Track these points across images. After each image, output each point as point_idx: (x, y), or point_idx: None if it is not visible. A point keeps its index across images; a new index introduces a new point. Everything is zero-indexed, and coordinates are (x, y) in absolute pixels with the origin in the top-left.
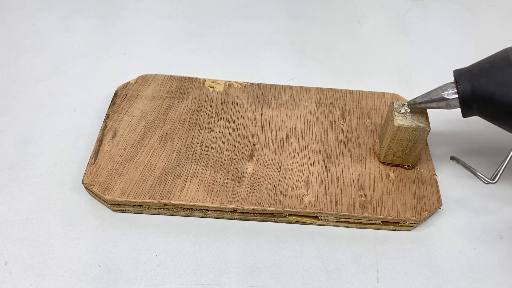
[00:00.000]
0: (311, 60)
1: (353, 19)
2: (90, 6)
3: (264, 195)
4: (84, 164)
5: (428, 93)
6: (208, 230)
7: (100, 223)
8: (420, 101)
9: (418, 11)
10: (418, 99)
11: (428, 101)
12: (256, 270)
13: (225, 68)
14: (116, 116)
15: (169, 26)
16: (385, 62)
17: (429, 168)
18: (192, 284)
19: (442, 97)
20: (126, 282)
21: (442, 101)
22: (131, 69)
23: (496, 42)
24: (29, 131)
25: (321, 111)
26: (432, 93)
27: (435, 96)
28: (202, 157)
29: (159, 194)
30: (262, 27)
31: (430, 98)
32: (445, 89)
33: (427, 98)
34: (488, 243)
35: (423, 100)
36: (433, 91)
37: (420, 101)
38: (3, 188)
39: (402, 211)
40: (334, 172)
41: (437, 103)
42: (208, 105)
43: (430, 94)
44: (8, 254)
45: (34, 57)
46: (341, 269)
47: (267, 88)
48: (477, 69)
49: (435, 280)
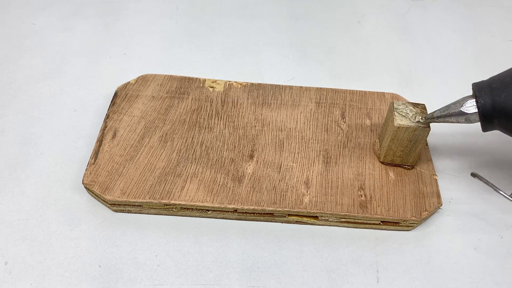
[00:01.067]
0: (311, 60)
1: (353, 19)
2: (90, 6)
3: (264, 195)
4: (84, 164)
5: (446, 107)
6: (208, 230)
7: (100, 223)
8: (438, 116)
9: (418, 11)
10: (436, 113)
11: (447, 115)
12: (256, 270)
13: (225, 68)
14: (116, 116)
15: (169, 26)
16: (385, 62)
17: (429, 168)
18: (192, 284)
19: (461, 112)
20: (126, 282)
21: (461, 116)
22: (131, 69)
23: (496, 42)
24: (29, 131)
25: (321, 111)
26: (450, 107)
27: (453, 110)
28: (202, 157)
29: (159, 194)
30: (262, 27)
31: (448, 113)
32: (464, 103)
33: (446, 113)
34: (488, 243)
35: (441, 115)
36: (451, 105)
37: (438, 115)
38: (3, 188)
39: (402, 211)
40: (334, 172)
41: (456, 118)
42: (208, 105)
43: (449, 108)
44: (8, 254)
45: (34, 57)
46: (341, 269)
47: (267, 88)
48: (498, 83)
49: (435, 280)
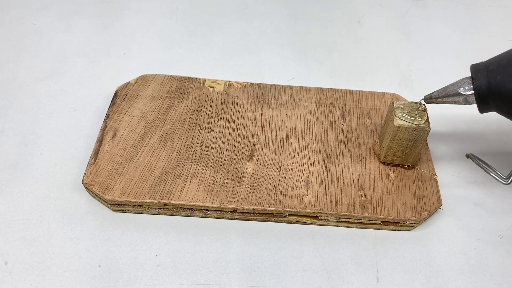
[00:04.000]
0: (311, 60)
1: (353, 19)
2: (90, 6)
3: (264, 195)
4: (84, 164)
5: (445, 88)
6: (208, 230)
7: (100, 223)
8: (437, 96)
9: (418, 11)
10: (435, 94)
11: (444, 96)
12: (256, 270)
13: (225, 68)
14: (116, 116)
15: (169, 26)
16: (385, 62)
17: (429, 168)
18: (192, 284)
19: (458, 93)
20: (126, 282)
21: (459, 97)
22: (131, 69)
23: (496, 42)
24: (29, 131)
25: (321, 111)
26: (448, 88)
27: (451, 92)
28: (202, 157)
29: (159, 194)
30: (262, 27)
31: (446, 93)
32: (461, 84)
33: (444, 93)
34: (488, 243)
35: (439, 95)
36: (449, 86)
37: (436, 96)
38: (3, 188)
39: (402, 211)
40: (334, 172)
41: (454, 98)
42: (208, 105)
43: (447, 89)
44: (8, 254)
45: (34, 57)
46: (341, 269)
47: (267, 88)
48: (494, 65)
49: (435, 280)
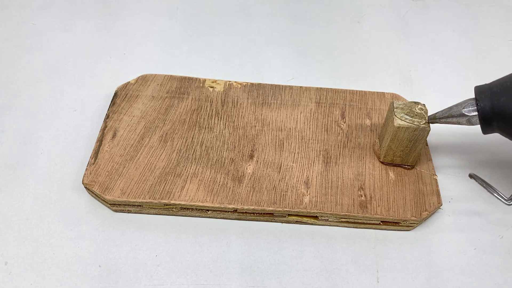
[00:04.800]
0: (311, 60)
1: (353, 19)
2: (90, 6)
3: (264, 195)
4: (84, 164)
5: (448, 108)
6: (208, 230)
7: (100, 223)
8: (440, 116)
9: (418, 11)
10: (439, 114)
11: (448, 116)
12: (256, 270)
13: (225, 68)
14: (116, 116)
15: (169, 26)
16: (385, 62)
17: (429, 168)
18: (192, 284)
19: (462, 113)
20: (126, 282)
21: (462, 118)
22: (131, 69)
23: (496, 42)
24: (29, 131)
25: (321, 111)
26: (452, 108)
27: (455, 112)
28: (202, 157)
29: (159, 194)
30: (262, 27)
31: (450, 114)
32: (465, 105)
33: (448, 114)
34: (488, 243)
35: (443, 116)
36: (453, 107)
37: (440, 116)
38: (3, 188)
39: (402, 211)
40: (334, 172)
41: (457, 119)
42: (208, 105)
43: (450, 110)
44: (8, 254)
45: (34, 57)
46: (341, 269)
47: (267, 88)
48: (498, 87)
49: (435, 280)
